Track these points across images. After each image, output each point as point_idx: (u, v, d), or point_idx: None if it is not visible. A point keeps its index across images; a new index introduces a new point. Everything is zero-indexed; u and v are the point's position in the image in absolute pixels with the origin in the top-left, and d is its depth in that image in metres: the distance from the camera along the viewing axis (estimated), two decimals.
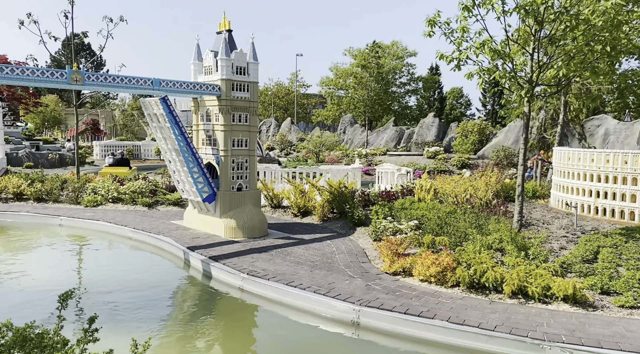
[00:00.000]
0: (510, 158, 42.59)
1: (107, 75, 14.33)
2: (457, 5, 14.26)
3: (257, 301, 11.80)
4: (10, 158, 38.71)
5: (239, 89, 16.69)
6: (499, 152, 41.62)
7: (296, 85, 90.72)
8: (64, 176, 26.04)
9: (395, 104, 76.73)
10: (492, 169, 32.78)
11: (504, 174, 34.74)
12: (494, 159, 41.89)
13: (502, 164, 41.28)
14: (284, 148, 62.66)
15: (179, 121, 15.85)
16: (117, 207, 21.93)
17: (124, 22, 24.87)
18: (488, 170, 27.27)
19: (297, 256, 14.21)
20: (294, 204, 20.12)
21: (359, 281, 11.95)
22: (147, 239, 16.99)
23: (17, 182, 23.16)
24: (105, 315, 10.84)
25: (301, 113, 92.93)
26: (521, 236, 13.13)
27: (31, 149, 43.04)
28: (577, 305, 10.46)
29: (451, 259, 11.91)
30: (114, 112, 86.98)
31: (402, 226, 15.14)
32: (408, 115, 77.96)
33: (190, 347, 9.49)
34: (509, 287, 10.79)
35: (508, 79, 14.37)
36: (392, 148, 56.08)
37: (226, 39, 16.67)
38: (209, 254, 14.14)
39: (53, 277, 13.56)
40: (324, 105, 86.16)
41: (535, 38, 14.13)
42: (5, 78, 12.77)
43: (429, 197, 19.24)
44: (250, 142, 17.17)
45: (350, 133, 66.58)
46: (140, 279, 13.56)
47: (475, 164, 42.38)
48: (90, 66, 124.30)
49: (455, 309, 10.21)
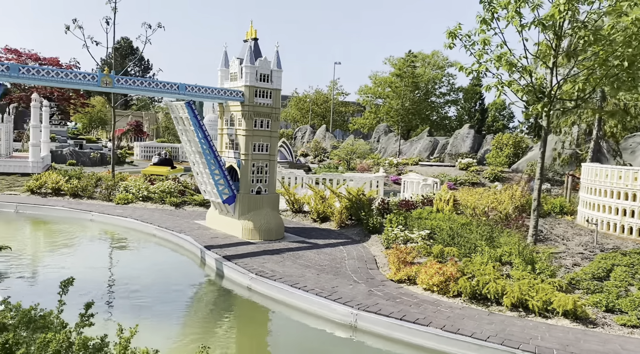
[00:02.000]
0: (544, 173, 41.78)
1: (135, 78, 15.13)
2: (475, 18, 14.37)
3: (263, 300, 12.19)
4: (55, 155, 40.63)
5: (261, 95, 17.24)
6: (533, 167, 40.88)
7: (334, 93, 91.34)
8: (100, 173, 27.28)
9: (434, 114, 76.27)
10: (524, 183, 32.35)
11: None
12: (527, 173, 41.18)
13: None
14: (318, 155, 63.25)
15: (202, 125, 16.52)
16: (146, 206, 22.85)
17: (161, 28, 25.95)
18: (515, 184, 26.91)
19: (307, 259, 14.56)
20: (314, 210, 20.49)
21: (362, 287, 12.19)
22: (169, 237, 17.70)
23: (56, 178, 24.45)
24: (113, 307, 11.48)
25: (339, 121, 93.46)
26: (530, 250, 13.06)
27: (75, 147, 45.07)
28: (577, 321, 10.38)
29: (455, 270, 12.01)
30: (157, 115, 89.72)
31: (414, 235, 15.27)
32: (446, 125, 77.28)
33: (187, 340, 9.96)
34: (509, 299, 10.81)
35: (525, 92, 14.35)
36: (425, 158, 55.77)
37: (252, 47, 17.28)
38: (224, 254, 14.67)
39: (75, 269, 14.37)
40: (361, 113, 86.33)
41: (556, 52, 14.08)
42: (42, 80, 13.71)
43: (447, 208, 19.24)
44: (270, 147, 17.67)
45: (384, 142, 66.58)
46: (156, 275, 14.22)
47: (508, 178, 41.74)
48: (138, 70, 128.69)
49: (452, 318, 10.32)
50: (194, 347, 9.60)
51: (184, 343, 9.84)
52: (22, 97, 56.15)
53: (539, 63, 15.32)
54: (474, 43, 15.06)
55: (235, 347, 10.21)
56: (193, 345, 9.52)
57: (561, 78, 14.43)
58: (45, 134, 36.58)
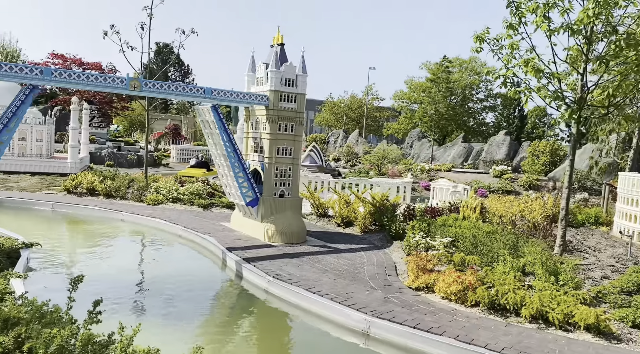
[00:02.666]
0: (582, 182, 40.42)
1: (162, 83, 15.49)
2: (502, 23, 14.08)
3: (279, 303, 12.23)
4: (93, 157, 41.98)
5: (286, 100, 17.35)
6: None
7: (368, 98, 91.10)
8: (133, 175, 28.03)
9: (471, 120, 75.05)
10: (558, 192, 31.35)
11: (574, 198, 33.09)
12: (564, 182, 39.90)
13: (572, 188, 39.29)
14: (350, 160, 63.14)
15: (227, 128, 16.77)
16: (175, 207, 23.31)
17: (194, 34, 26.53)
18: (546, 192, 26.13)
19: (326, 263, 14.53)
20: (338, 214, 20.45)
21: (378, 293, 12.07)
22: (194, 238, 18.00)
23: (91, 178, 25.24)
24: (132, 305, 11.74)
25: (373, 126, 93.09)
26: (554, 260, 12.64)
27: (113, 149, 46.45)
28: (600, 336, 9.97)
29: (474, 279, 11.74)
30: (195, 119, 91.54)
31: (435, 243, 15.03)
32: (483, 132, 75.90)
33: (199, 341, 10.08)
34: (528, 310, 10.49)
35: (553, 99, 13.94)
36: (459, 165, 54.88)
37: (277, 52, 17.44)
38: (244, 256, 14.80)
39: (100, 267, 14.79)
40: (396, 118, 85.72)
41: (586, 57, 13.64)
42: (73, 83, 14.20)
43: (474, 216, 18.87)
44: (294, 151, 17.75)
45: (417, 148, 65.91)
46: (177, 275, 14.46)
47: (544, 186, 40.62)
48: (178, 75, 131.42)
49: (467, 328, 10.09)
50: (207, 348, 9.72)
51: (195, 342, 9.95)
52: (65, 100, 58.27)
53: (570, 69, 14.84)
54: (502, 47, 14.77)
55: (245, 349, 10.26)
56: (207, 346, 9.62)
57: (592, 84, 13.97)
58: (84, 136, 37.88)
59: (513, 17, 13.97)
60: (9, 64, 12.90)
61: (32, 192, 25.28)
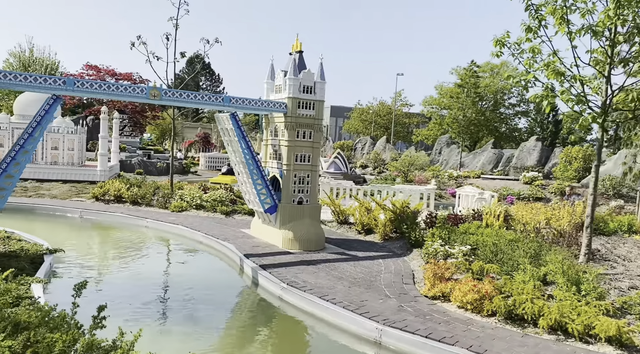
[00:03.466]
0: (617, 188, 39.08)
1: (182, 91, 15.73)
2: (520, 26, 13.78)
3: (292, 310, 12.18)
4: (124, 165, 43.00)
5: (304, 107, 17.38)
6: (604, 182, 38.43)
7: (397, 104, 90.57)
8: (159, 182, 28.51)
9: (503, 125, 73.70)
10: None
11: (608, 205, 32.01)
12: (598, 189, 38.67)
13: (607, 195, 38.02)
14: (377, 166, 62.82)
15: (245, 136, 16.89)
16: (198, 214, 23.59)
17: (218, 43, 26.93)
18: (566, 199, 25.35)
19: (342, 271, 14.42)
20: (358, 221, 20.31)
21: (393, 301, 11.89)
22: (214, 244, 18.16)
23: (118, 186, 25.81)
24: (142, 310, 11.88)
25: (403, 132, 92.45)
26: (577, 269, 12.19)
27: (143, 157, 47.50)
28: (622, 348, 9.55)
29: (492, 288, 11.44)
30: None
31: (454, 251, 14.74)
32: (516, 138, 74.39)
33: (207, 346, 10.11)
34: (546, 321, 10.13)
35: (576, 103, 13.53)
36: (488, 171, 53.93)
37: (295, 59, 17.52)
38: (261, 263, 14.82)
39: (120, 272, 15.05)
40: (426, 124, 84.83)
41: (611, 59, 13.20)
42: (95, 93, 14.58)
43: (497, 223, 18.43)
44: (312, 158, 17.74)
45: (446, 154, 65.09)
46: (195, 280, 14.61)
47: (576, 193, 39.47)
48: (209, 84, 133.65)
49: (482, 339, 9.82)
50: None
51: (203, 348, 9.99)
52: (99, 109, 59.97)
53: (596, 72, 14.36)
54: (522, 51, 14.44)
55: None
56: (217, 352, 9.66)
57: (617, 88, 13.50)
58: (114, 145, 38.85)
59: (532, 20, 13.65)
60: (33, 75, 13.33)
61: (62, 200, 26.01)
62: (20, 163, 13.36)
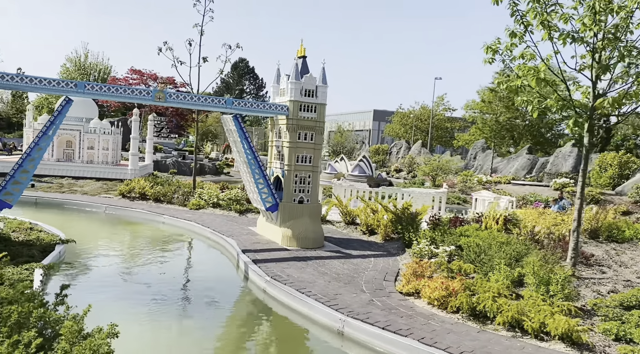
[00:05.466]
0: None
1: (185, 94, 16.78)
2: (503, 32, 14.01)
3: (272, 303, 12.86)
4: (159, 164, 44.99)
5: (306, 109, 18.09)
6: (639, 189, 37.21)
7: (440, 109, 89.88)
8: (182, 181, 29.89)
9: (549, 131, 71.98)
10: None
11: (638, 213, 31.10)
12: (632, 197, 37.65)
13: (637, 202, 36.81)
14: (411, 171, 62.73)
15: (248, 137, 17.78)
16: (214, 212, 24.69)
17: (239, 48, 28.09)
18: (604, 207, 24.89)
19: (329, 268, 15.01)
20: (363, 222, 20.82)
21: (365, 296, 12.40)
22: (219, 240, 19.12)
23: (143, 184, 27.30)
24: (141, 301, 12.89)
25: (445, 137, 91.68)
26: (548, 271, 12.30)
27: (178, 158, 49.47)
28: (573, 346, 9.73)
29: (460, 285, 11.78)
30: (266, 130, 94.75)
31: (439, 250, 15.06)
32: (562, 144, 72.38)
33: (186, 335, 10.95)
34: (503, 318, 10.42)
35: (559, 108, 13.64)
36: (521, 177, 52.95)
37: (298, 64, 18.27)
38: (254, 258, 15.61)
39: (127, 262, 16.20)
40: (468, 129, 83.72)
41: (591, 65, 13.24)
42: (104, 95, 15.82)
43: (496, 226, 18.54)
44: (314, 159, 18.41)
45: (481, 159, 64.22)
46: (192, 271, 15.64)
47: (609, 201, 38.35)
48: (253, 88, 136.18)
49: (437, 332, 10.22)
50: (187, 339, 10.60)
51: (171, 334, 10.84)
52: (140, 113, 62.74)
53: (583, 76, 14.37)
54: (514, 58, 14.62)
55: (222, 344, 10.99)
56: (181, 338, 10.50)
57: (602, 93, 13.51)
58: (149, 145, 40.81)
59: (518, 25, 13.84)
60: (47, 78, 14.65)
61: (91, 196, 27.75)
62: (35, 159, 14.71)
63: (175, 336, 10.75)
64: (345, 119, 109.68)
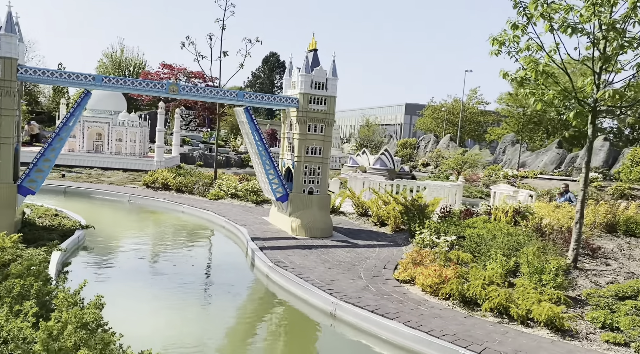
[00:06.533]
0: None
1: (198, 87, 17.43)
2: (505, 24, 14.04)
3: (274, 287, 13.37)
4: (186, 157, 46.20)
5: (316, 102, 18.50)
6: None
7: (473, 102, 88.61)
8: (204, 173, 30.76)
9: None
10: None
11: None
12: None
13: None
14: (438, 164, 62.40)
15: (258, 128, 18.32)
16: (232, 202, 25.41)
17: (259, 42, 28.67)
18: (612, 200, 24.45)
19: (332, 255, 15.43)
20: (375, 214, 21.12)
21: (362, 282, 12.77)
22: (232, 228, 19.78)
23: (166, 175, 28.27)
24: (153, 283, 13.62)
25: (478, 131, 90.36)
26: (543, 260, 12.39)
27: (204, 150, 50.65)
28: (557, 332, 9.89)
29: (453, 273, 12.02)
30: None
31: (440, 240, 15.26)
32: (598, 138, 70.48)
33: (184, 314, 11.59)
34: (490, 304, 10.64)
35: (561, 100, 13.62)
36: (549, 172, 52.00)
37: (309, 57, 18.67)
38: (261, 245, 16.16)
39: (143, 248, 17.02)
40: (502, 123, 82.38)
41: (594, 56, 13.16)
42: (120, 88, 16.64)
43: (505, 219, 18.56)
44: (324, 151, 18.81)
45: (510, 153, 63.31)
46: (201, 258, 16.31)
47: (638, 196, 37.45)
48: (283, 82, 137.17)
49: (424, 317, 10.52)
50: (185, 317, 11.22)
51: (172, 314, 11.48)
52: (169, 106, 64.29)
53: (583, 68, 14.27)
54: (520, 50, 14.63)
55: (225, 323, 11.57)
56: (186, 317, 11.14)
57: (604, 85, 13.42)
58: (175, 138, 41.99)
59: (521, 17, 13.86)
60: (67, 71, 15.50)
61: (117, 186, 28.91)
62: (55, 149, 15.61)
63: (175, 317, 11.37)
64: (376, 113, 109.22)
